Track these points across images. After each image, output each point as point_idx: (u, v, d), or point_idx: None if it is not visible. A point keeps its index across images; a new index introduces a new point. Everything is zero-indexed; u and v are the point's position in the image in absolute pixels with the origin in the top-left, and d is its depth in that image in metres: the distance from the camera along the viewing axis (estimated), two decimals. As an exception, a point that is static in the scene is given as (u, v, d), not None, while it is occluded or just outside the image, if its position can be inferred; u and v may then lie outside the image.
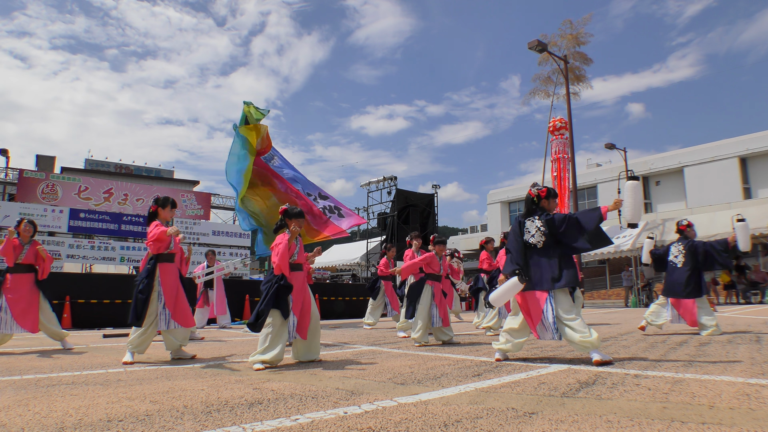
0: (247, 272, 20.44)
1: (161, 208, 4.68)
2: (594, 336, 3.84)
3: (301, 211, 4.42)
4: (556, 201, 4.43)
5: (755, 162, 26.68)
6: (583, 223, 4.03)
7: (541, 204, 4.32)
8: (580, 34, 24.51)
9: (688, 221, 6.62)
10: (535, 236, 4.21)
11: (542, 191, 4.34)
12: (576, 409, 2.35)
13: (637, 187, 4.17)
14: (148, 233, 4.50)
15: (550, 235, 4.15)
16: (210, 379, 3.40)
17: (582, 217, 4.06)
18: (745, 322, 8.34)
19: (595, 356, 3.83)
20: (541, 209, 4.32)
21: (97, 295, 10.03)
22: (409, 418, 2.21)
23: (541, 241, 4.17)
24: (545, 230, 4.16)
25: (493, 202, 38.06)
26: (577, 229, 4.04)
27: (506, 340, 4.23)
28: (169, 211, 4.70)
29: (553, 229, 4.14)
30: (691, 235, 6.52)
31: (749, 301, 17.36)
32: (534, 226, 4.24)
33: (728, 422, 2.06)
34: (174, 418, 2.27)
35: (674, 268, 6.40)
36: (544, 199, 4.32)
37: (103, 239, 16.98)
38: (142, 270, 4.68)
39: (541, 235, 4.18)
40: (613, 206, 4.01)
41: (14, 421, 2.24)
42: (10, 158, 21.09)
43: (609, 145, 26.23)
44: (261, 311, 4.06)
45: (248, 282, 16.17)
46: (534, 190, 4.38)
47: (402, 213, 21.13)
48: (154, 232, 4.45)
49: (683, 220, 6.67)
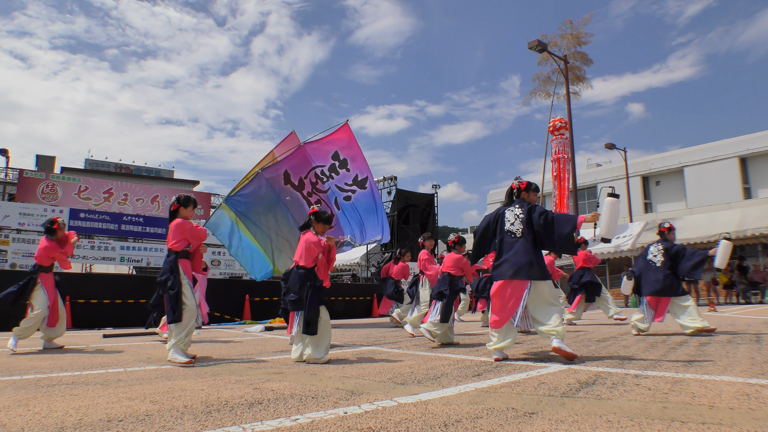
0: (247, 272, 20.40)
1: (183, 207, 4.63)
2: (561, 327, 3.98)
3: (330, 216, 4.60)
4: (537, 195, 4.52)
5: (755, 162, 26.67)
6: (557, 223, 4.11)
7: (521, 196, 4.44)
8: (580, 34, 24.50)
9: (670, 224, 6.79)
10: (515, 224, 4.28)
11: (522, 184, 4.47)
12: (576, 409, 2.35)
13: (615, 204, 4.25)
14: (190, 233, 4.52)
15: (529, 223, 4.22)
16: (210, 379, 3.40)
17: (558, 218, 4.15)
18: (745, 322, 8.34)
19: (555, 343, 3.93)
20: (521, 201, 4.42)
21: (97, 295, 10.04)
22: (409, 418, 2.21)
23: (520, 230, 4.24)
24: (524, 218, 4.24)
25: (493, 202, 38.05)
26: (551, 227, 4.12)
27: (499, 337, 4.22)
28: (191, 210, 4.67)
29: (530, 218, 4.22)
30: (672, 238, 6.69)
31: (749, 301, 17.35)
32: (513, 215, 4.33)
33: (728, 422, 2.06)
34: (174, 418, 2.27)
35: (653, 267, 6.47)
36: (524, 191, 4.44)
37: (103, 239, 16.98)
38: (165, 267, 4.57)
39: (520, 223, 4.25)
40: (590, 218, 4.09)
41: (14, 421, 2.24)
42: (10, 158, 21.09)
43: (609, 145, 26.24)
44: (311, 317, 4.21)
45: (248, 282, 16.16)
46: (515, 182, 4.51)
47: (402, 213, 21.14)
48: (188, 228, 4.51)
49: (665, 223, 6.87)
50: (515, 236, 4.24)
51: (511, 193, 4.51)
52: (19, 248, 15.69)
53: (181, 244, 4.51)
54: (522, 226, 4.23)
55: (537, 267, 4.12)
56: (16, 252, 15.66)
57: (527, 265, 4.09)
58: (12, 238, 15.79)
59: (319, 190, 9.34)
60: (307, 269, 4.37)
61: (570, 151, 20.90)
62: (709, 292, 17.00)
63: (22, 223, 16.03)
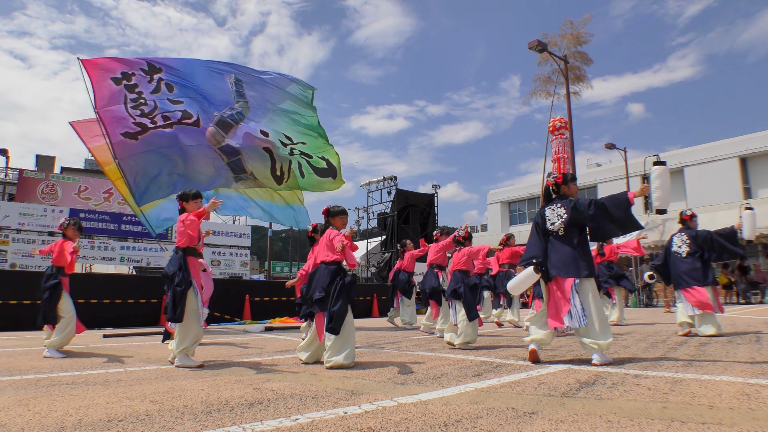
0: (247, 272, 20.44)
1: (185, 202, 4.50)
2: (608, 340, 3.80)
3: (344, 209, 4.50)
4: (576, 184, 4.33)
5: (755, 162, 26.66)
6: (610, 207, 3.93)
7: (561, 191, 4.25)
8: (580, 34, 24.48)
9: (692, 212, 6.45)
10: (556, 223, 4.14)
11: (558, 178, 4.25)
12: (576, 409, 2.35)
13: (665, 172, 4.03)
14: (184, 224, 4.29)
15: (573, 220, 4.05)
16: (210, 379, 3.40)
17: (609, 201, 3.96)
18: (745, 322, 8.33)
19: (595, 359, 3.80)
20: (561, 196, 4.24)
21: (97, 295, 10.03)
22: (409, 418, 2.21)
23: (562, 228, 4.10)
24: (567, 216, 4.07)
25: (493, 202, 38.04)
26: (605, 212, 3.93)
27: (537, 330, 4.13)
28: (194, 204, 4.48)
29: (577, 214, 4.02)
30: (694, 225, 6.35)
31: (749, 301, 17.35)
32: (555, 214, 4.16)
33: (728, 422, 2.06)
34: (174, 418, 2.27)
35: (679, 259, 6.18)
36: (563, 185, 4.24)
37: (103, 239, 16.98)
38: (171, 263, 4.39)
39: (561, 222, 4.10)
40: (639, 192, 3.89)
41: (14, 421, 2.24)
42: (10, 158, 21.12)
43: (609, 145, 26.23)
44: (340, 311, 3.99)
45: (248, 282, 16.16)
46: (551, 179, 4.29)
47: (402, 213, 21.14)
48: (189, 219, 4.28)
49: (687, 210, 6.49)
50: (558, 234, 4.12)
51: (550, 191, 4.31)
52: (18, 248, 15.69)
53: (184, 240, 4.35)
54: (564, 225, 4.07)
55: (583, 264, 3.98)
56: (16, 252, 15.66)
57: (572, 262, 3.97)
58: (12, 238, 15.80)
59: (159, 118, 7.73)
60: (338, 264, 4.23)
61: (570, 151, 20.90)
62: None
63: (22, 223, 16.03)
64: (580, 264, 3.97)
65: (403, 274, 9.25)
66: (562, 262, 4.02)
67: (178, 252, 4.39)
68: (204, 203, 4.47)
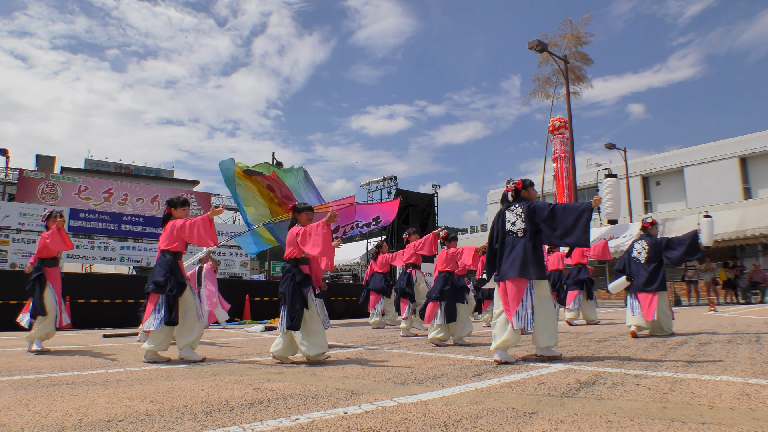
0: (246, 272, 20.44)
1: (173, 208, 4.67)
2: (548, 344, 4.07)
3: (310, 205, 4.58)
4: (535, 189, 4.44)
5: (755, 162, 26.66)
6: (562, 213, 4.01)
7: (521, 195, 4.34)
8: (580, 34, 24.48)
9: (653, 219, 6.75)
10: (516, 224, 4.21)
11: (518, 183, 4.36)
12: (576, 409, 2.35)
13: (616, 183, 4.20)
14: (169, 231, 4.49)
15: (531, 223, 4.14)
16: (210, 379, 3.40)
17: (566, 207, 4.05)
18: (745, 322, 8.33)
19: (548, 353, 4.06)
20: (520, 199, 4.33)
21: (97, 295, 10.04)
22: (409, 418, 2.21)
23: (522, 229, 4.17)
24: (526, 217, 4.16)
25: (493, 202, 38.03)
26: (559, 220, 4.02)
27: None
28: (182, 211, 4.68)
29: (533, 216, 4.12)
30: (654, 232, 6.64)
31: (749, 301, 17.35)
32: (514, 214, 4.25)
33: (728, 422, 2.06)
34: (174, 418, 2.27)
35: (637, 263, 6.44)
36: (522, 191, 4.34)
37: (103, 239, 16.97)
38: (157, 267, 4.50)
39: (522, 222, 4.18)
40: (594, 203, 4.01)
41: (14, 421, 2.24)
42: (10, 158, 21.12)
43: (609, 145, 26.21)
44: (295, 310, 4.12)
45: (248, 282, 16.16)
46: (510, 185, 4.37)
47: (402, 213, 21.12)
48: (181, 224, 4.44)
49: (647, 218, 6.80)
50: (517, 236, 4.18)
51: (507, 196, 4.41)
52: (19, 248, 15.69)
53: (179, 245, 4.53)
54: (524, 225, 4.15)
55: (537, 266, 4.08)
56: (16, 252, 15.66)
57: (529, 263, 4.05)
58: (12, 238, 15.80)
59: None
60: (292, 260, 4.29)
61: (570, 150, 20.89)
62: (709, 292, 16.98)
63: (22, 223, 16.03)
64: (534, 266, 4.06)
65: (378, 275, 9.57)
66: (517, 263, 4.09)
67: (166, 255, 4.48)
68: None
